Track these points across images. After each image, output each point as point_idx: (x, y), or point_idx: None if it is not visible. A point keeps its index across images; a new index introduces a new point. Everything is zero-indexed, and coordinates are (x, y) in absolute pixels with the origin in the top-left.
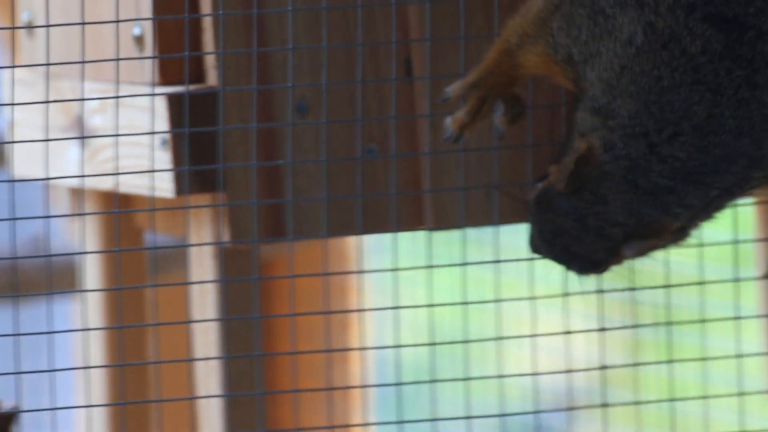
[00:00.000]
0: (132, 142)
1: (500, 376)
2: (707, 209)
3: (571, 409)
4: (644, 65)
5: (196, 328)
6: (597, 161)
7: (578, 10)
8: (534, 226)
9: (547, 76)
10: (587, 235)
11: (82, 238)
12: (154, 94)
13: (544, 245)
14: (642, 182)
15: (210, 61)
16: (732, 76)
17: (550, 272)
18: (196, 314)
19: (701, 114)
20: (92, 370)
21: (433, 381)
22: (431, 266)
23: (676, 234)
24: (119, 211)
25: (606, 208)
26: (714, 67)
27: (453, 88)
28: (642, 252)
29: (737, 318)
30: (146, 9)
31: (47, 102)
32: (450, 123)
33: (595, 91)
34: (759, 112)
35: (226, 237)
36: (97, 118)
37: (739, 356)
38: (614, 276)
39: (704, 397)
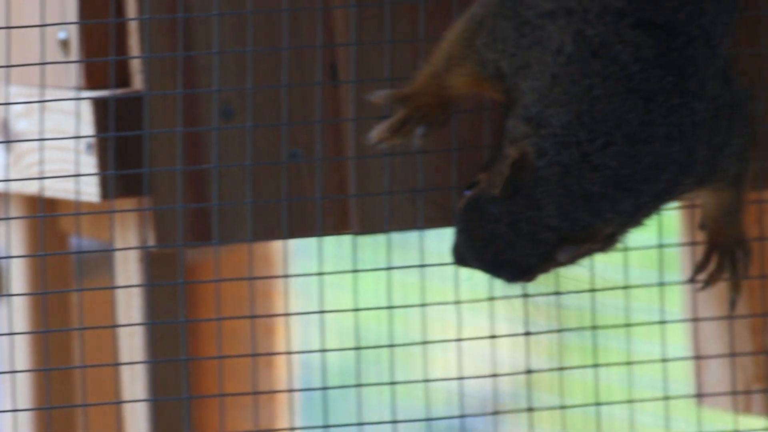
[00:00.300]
0: (57, 146)
1: (426, 381)
2: (637, 215)
3: (496, 413)
4: (575, 74)
5: (122, 332)
6: (531, 166)
7: (503, 23)
8: (461, 234)
9: (477, 93)
10: (520, 240)
11: (8, 242)
12: (79, 98)
13: (472, 253)
14: (575, 188)
15: (135, 65)
16: (663, 82)
17: (476, 276)
18: (121, 318)
19: (633, 122)
20: (18, 374)
21: (358, 385)
22: (356, 270)
23: (607, 240)
24: (44, 215)
25: (539, 212)
26: (646, 75)
27: (380, 96)
28: (576, 257)
29: (662, 322)
30: (72, 13)
31: None
32: (372, 136)
33: (526, 101)
34: (689, 119)
35: (151, 241)
36: (23, 122)
37: (663, 360)
38: (539, 280)
39: (629, 401)
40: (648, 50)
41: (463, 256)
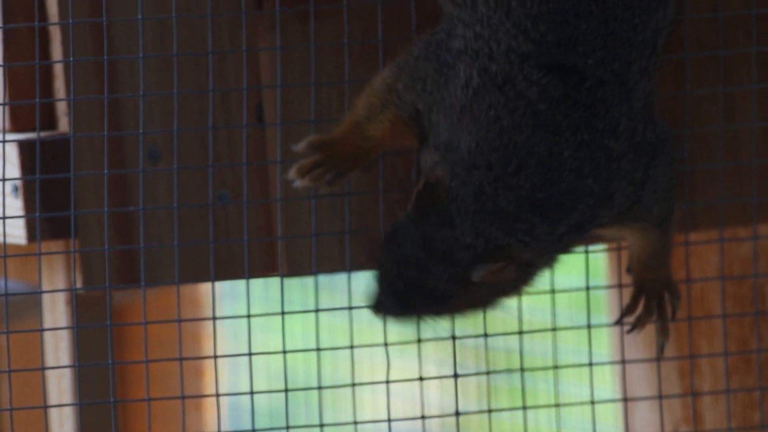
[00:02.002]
0: None
1: (355, 423)
2: (556, 246)
3: None
4: (482, 105)
5: (50, 375)
6: (445, 186)
7: (423, 64)
8: (378, 270)
9: (396, 142)
10: (434, 261)
11: None
12: (4, 141)
13: (387, 287)
14: (489, 205)
15: (61, 107)
16: (570, 119)
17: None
18: (49, 361)
19: (542, 152)
20: None
21: (288, 427)
22: (285, 312)
23: (525, 270)
24: None
25: (453, 231)
26: (552, 112)
27: (299, 146)
28: (491, 277)
29: (590, 364)
30: None
31: None
32: (289, 174)
33: (437, 131)
34: (602, 155)
35: (78, 283)
36: None
37: (592, 402)
38: (467, 323)
39: None
40: (555, 90)
41: (379, 300)
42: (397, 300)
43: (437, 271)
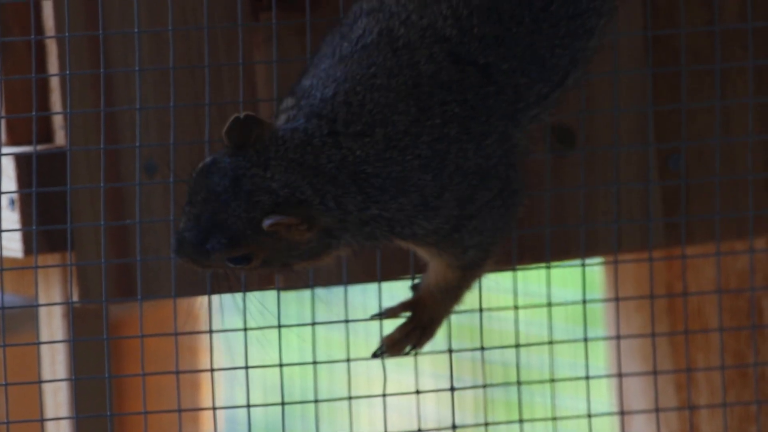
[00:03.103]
0: None
1: None
2: (360, 229)
3: None
4: (363, 59)
5: (47, 388)
6: (271, 126)
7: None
8: (186, 205)
9: None
10: (237, 198)
11: None
12: (1, 154)
13: (188, 220)
14: (309, 158)
15: (58, 121)
16: (447, 108)
17: None
18: (46, 374)
19: (399, 126)
20: None
21: None
22: (281, 326)
23: (322, 239)
24: None
25: (265, 172)
26: (433, 92)
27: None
28: (281, 230)
29: (587, 378)
30: None
31: None
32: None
33: (303, 79)
34: (456, 159)
35: (75, 297)
36: None
37: (589, 416)
38: (464, 336)
39: None
40: (448, 76)
41: (180, 237)
42: (196, 235)
43: (236, 209)
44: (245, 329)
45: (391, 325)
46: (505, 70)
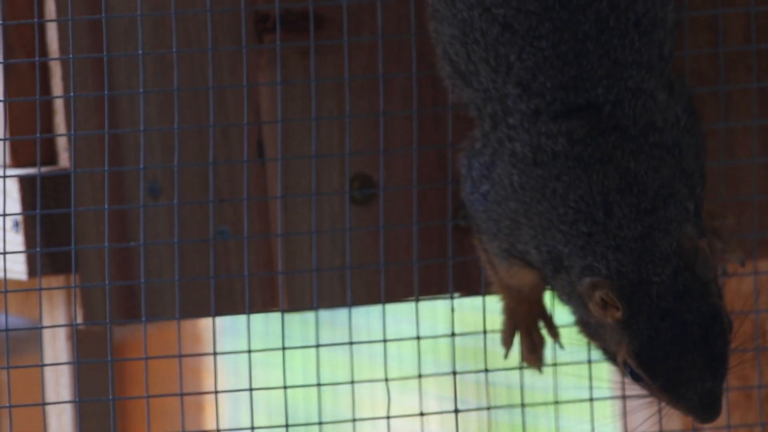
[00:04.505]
0: None
1: None
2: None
3: None
4: (536, 195)
5: (51, 410)
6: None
7: (482, 215)
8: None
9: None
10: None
11: None
12: (5, 176)
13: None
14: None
15: (62, 143)
16: (610, 146)
17: (404, 353)
18: (50, 396)
19: (613, 185)
20: None
21: None
22: (285, 348)
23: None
24: None
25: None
26: (590, 149)
27: (502, 342)
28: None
29: (591, 400)
30: None
31: None
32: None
33: (537, 254)
34: (659, 150)
35: (79, 319)
36: None
37: None
38: (468, 358)
39: None
40: (581, 130)
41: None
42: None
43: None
44: (249, 351)
45: (394, 349)
46: (603, 92)
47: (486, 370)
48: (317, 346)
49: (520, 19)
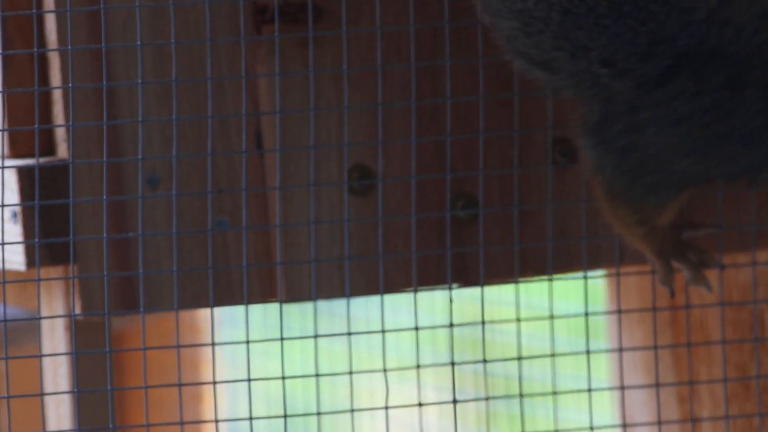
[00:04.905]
0: None
1: None
2: None
3: None
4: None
5: (49, 400)
6: None
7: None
8: None
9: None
10: None
11: None
12: (3, 167)
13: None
14: None
15: (60, 133)
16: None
17: (402, 344)
18: (48, 386)
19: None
20: None
21: None
22: (283, 338)
23: None
24: None
25: None
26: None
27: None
28: None
29: (589, 390)
30: None
31: None
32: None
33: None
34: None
35: (77, 309)
36: None
37: (591, 429)
38: (466, 348)
39: None
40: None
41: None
42: None
43: None
44: (248, 341)
45: (392, 339)
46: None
47: (484, 361)
48: (315, 336)
49: (575, 1)
